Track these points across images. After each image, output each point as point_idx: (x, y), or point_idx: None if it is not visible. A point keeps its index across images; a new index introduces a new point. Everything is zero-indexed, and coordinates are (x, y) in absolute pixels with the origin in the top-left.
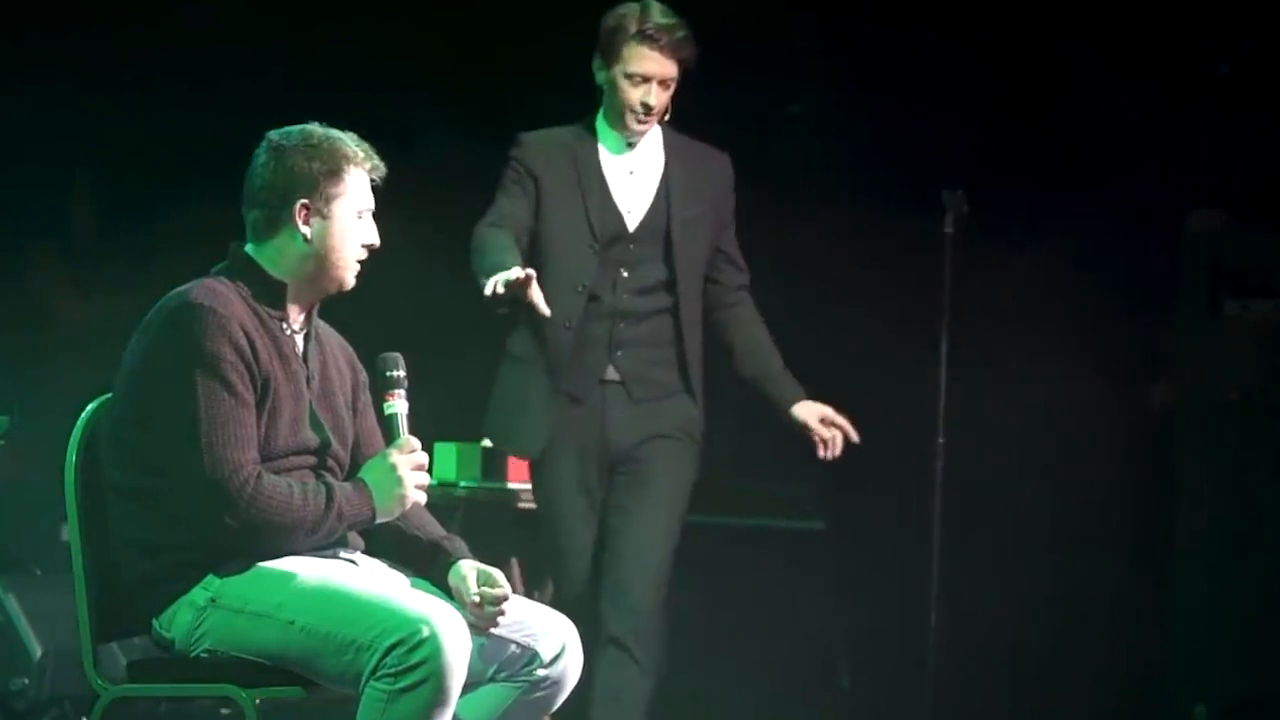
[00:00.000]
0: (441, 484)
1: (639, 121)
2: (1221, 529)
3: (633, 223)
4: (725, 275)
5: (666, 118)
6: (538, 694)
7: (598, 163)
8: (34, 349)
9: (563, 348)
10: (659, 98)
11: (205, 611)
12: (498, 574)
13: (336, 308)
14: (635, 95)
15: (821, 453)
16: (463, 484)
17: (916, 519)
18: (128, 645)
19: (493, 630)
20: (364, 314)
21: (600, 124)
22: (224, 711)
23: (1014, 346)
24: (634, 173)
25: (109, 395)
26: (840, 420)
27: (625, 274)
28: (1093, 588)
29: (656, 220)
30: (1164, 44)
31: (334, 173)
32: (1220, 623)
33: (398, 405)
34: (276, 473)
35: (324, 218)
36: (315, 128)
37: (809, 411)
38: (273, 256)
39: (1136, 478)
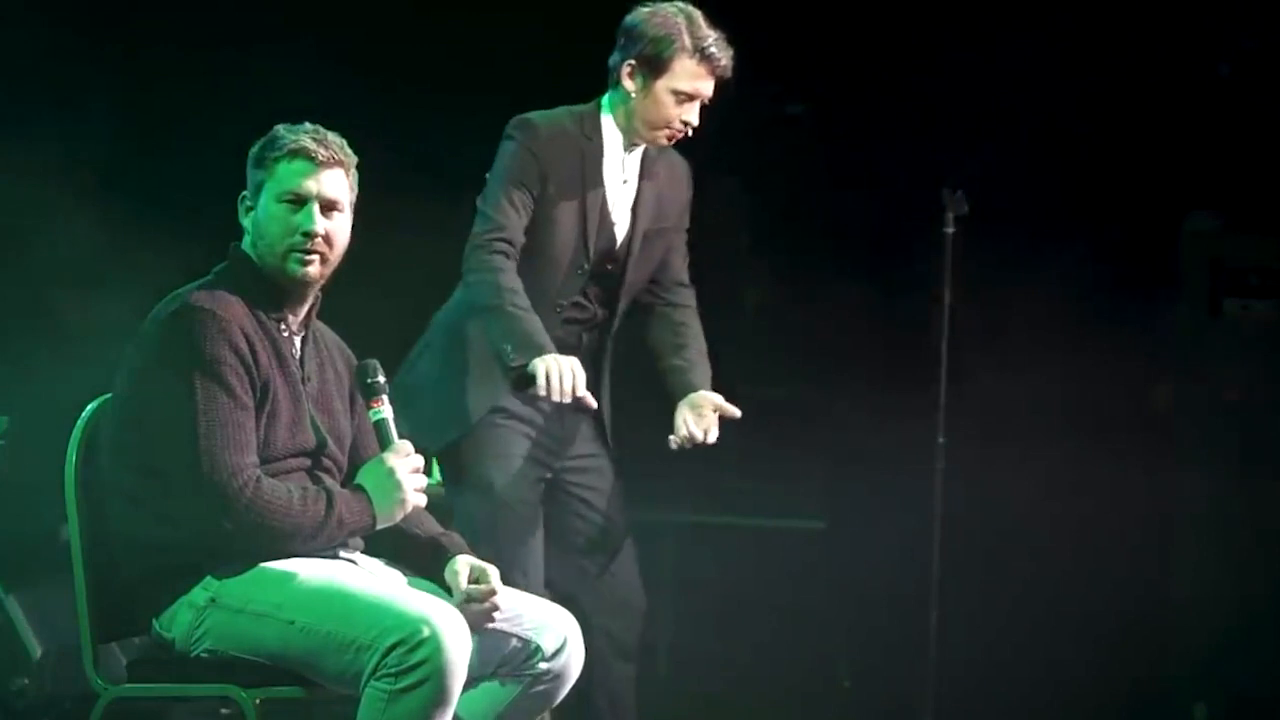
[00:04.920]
0: (442, 484)
1: (669, 138)
2: (1221, 528)
3: (620, 239)
4: (664, 279)
5: None
6: (540, 688)
7: (601, 171)
8: (34, 349)
9: None
10: (698, 116)
11: (205, 611)
12: (491, 570)
13: (338, 309)
14: (677, 113)
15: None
16: None
17: (916, 519)
18: (128, 645)
19: (493, 625)
20: (363, 315)
21: (608, 122)
22: (224, 711)
23: (1013, 347)
24: (627, 181)
25: (109, 395)
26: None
27: (594, 287)
28: (1093, 587)
29: (626, 235)
30: (1164, 44)
31: (259, 161)
32: (1220, 622)
33: (385, 410)
34: (274, 475)
35: (255, 206)
36: (279, 127)
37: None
38: (251, 250)
39: (1136, 478)
